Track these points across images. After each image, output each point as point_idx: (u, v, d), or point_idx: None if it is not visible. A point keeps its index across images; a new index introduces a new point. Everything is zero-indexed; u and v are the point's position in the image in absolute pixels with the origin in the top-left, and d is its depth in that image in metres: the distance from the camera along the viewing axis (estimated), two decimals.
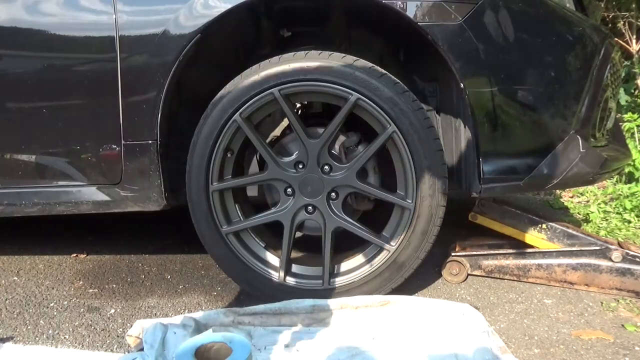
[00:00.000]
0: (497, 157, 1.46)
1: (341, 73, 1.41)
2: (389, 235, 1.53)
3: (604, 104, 1.59)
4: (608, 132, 1.72)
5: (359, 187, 1.51)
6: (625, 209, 2.63)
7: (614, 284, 1.66)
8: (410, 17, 1.36)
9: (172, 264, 1.99)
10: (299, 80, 1.43)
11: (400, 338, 1.33)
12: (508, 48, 1.41)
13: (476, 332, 1.32)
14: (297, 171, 1.51)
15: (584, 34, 1.50)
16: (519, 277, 1.75)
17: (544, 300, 1.65)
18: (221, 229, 1.54)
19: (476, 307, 1.51)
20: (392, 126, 1.43)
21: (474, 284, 1.77)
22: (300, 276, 1.57)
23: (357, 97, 1.42)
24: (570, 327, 1.49)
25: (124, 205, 1.55)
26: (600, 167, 1.54)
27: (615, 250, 1.65)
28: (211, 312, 1.42)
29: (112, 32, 1.40)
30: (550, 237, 1.77)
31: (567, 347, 1.37)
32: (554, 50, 1.45)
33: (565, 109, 1.48)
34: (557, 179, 1.47)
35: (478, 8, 1.36)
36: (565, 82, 1.47)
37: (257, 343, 1.31)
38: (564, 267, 1.70)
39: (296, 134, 1.49)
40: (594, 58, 1.52)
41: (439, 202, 1.47)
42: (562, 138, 1.47)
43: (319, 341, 1.32)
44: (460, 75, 1.39)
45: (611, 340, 1.41)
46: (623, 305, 1.61)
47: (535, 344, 1.39)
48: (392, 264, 1.51)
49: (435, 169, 1.44)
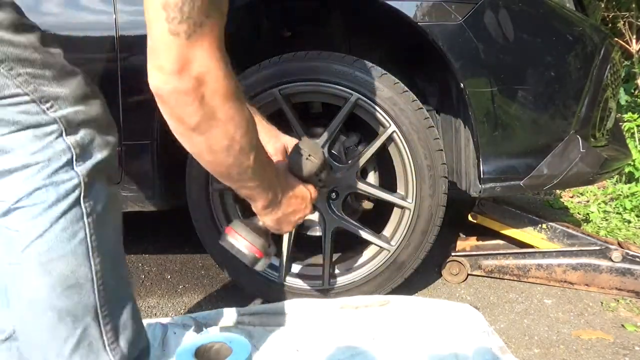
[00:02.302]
0: (497, 157, 1.46)
1: (341, 73, 1.41)
2: (389, 235, 1.53)
3: (604, 104, 1.59)
4: (608, 132, 1.72)
5: (359, 187, 1.51)
6: (625, 209, 2.63)
7: (614, 284, 1.66)
8: (410, 17, 1.36)
9: (172, 264, 1.99)
10: (299, 80, 1.43)
11: (400, 338, 1.33)
12: (508, 48, 1.41)
13: (476, 332, 1.32)
14: None
15: (584, 34, 1.50)
16: (519, 277, 1.75)
17: (544, 300, 1.65)
18: (221, 230, 1.54)
19: (476, 307, 1.51)
20: (392, 126, 1.43)
21: (474, 284, 1.77)
22: (300, 276, 1.57)
23: (357, 97, 1.42)
24: (570, 327, 1.49)
25: (124, 205, 1.55)
26: (600, 167, 1.54)
27: (615, 250, 1.65)
28: (211, 312, 1.42)
29: (112, 32, 1.40)
30: (550, 237, 1.77)
31: (567, 347, 1.37)
32: (554, 50, 1.45)
33: (565, 109, 1.48)
34: (557, 179, 1.47)
35: (478, 8, 1.36)
36: (565, 82, 1.47)
37: (257, 343, 1.30)
38: (564, 267, 1.70)
39: (296, 133, 1.49)
40: (594, 58, 1.52)
41: (439, 202, 1.47)
42: (562, 138, 1.47)
43: (319, 341, 1.32)
44: (460, 75, 1.39)
45: (611, 340, 1.41)
46: (623, 305, 1.61)
47: (535, 344, 1.39)
48: (392, 263, 1.51)
49: (435, 169, 1.44)
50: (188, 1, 0.67)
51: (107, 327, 0.82)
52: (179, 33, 0.68)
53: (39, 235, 0.74)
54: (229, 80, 0.74)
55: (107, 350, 0.82)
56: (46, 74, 0.74)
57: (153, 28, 0.69)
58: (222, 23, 0.73)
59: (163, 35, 0.68)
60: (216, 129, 0.75)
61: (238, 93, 0.77)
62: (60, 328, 0.78)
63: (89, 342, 0.80)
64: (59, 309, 0.77)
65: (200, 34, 0.69)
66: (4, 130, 0.71)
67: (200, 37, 0.69)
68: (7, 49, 0.71)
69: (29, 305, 0.78)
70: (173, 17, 0.67)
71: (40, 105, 0.73)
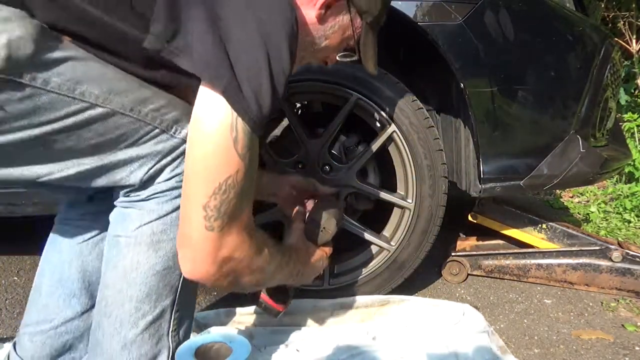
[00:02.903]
0: (497, 157, 1.46)
1: (341, 73, 1.41)
2: (389, 235, 1.53)
3: (604, 104, 1.59)
4: (608, 132, 1.72)
5: (359, 187, 1.51)
6: (625, 208, 2.64)
7: (614, 284, 1.66)
8: (410, 17, 1.36)
9: None
10: (299, 80, 1.43)
11: (400, 338, 1.33)
12: (508, 48, 1.41)
13: (476, 332, 1.32)
14: (297, 171, 1.51)
15: (584, 34, 1.50)
16: (519, 277, 1.75)
17: (544, 300, 1.65)
18: None
19: (476, 307, 1.51)
20: (392, 126, 1.43)
21: (474, 284, 1.77)
22: None
23: (357, 97, 1.42)
24: (570, 327, 1.49)
25: None
26: (600, 167, 1.54)
27: (615, 250, 1.65)
28: (211, 312, 1.42)
29: None
30: (550, 237, 1.77)
31: (567, 347, 1.37)
32: (553, 50, 1.45)
33: (565, 109, 1.48)
34: (557, 179, 1.47)
35: (478, 8, 1.36)
36: (565, 82, 1.47)
37: (257, 343, 1.30)
38: (564, 267, 1.70)
39: (296, 133, 1.49)
40: (594, 58, 1.52)
41: (439, 202, 1.47)
42: (562, 138, 1.47)
43: (319, 341, 1.32)
44: (460, 75, 1.38)
45: (611, 340, 1.41)
46: (623, 305, 1.61)
47: (535, 344, 1.39)
48: (392, 263, 1.51)
49: (435, 169, 1.44)
50: (225, 202, 0.77)
51: (175, 315, 0.92)
52: (214, 228, 0.78)
53: (159, 216, 0.86)
54: (253, 253, 0.85)
55: (169, 337, 0.91)
56: (161, 103, 0.85)
57: (191, 220, 0.78)
58: (251, 206, 0.84)
59: (199, 229, 0.77)
60: (243, 281, 0.87)
61: (262, 256, 0.88)
62: (145, 303, 0.87)
63: (159, 324, 0.89)
64: (151, 285, 0.87)
65: (231, 225, 0.79)
66: (152, 162, 0.85)
67: (231, 227, 0.80)
68: (132, 95, 0.81)
69: (124, 276, 0.87)
70: (211, 215, 0.77)
71: (169, 132, 0.86)
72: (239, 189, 0.78)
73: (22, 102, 0.73)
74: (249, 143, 0.78)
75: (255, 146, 0.81)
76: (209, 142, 0.77)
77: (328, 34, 0.97)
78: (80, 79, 0.76)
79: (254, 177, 0.83)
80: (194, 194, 0.78)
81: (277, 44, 0.77)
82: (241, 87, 0.75)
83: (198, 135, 0.78)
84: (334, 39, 0.98)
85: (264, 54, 0.76)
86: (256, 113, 0.76)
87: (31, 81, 0.73)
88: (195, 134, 0.79)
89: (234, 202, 0.78)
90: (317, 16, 0.93)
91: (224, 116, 0.76)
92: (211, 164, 0.77)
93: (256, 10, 0.78)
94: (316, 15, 0.93)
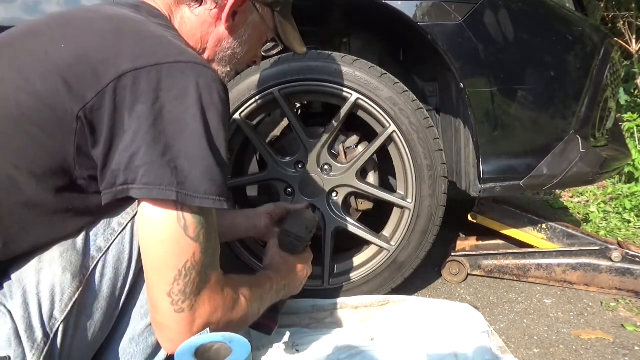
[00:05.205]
0: (497, 157, 1.46)
1: (341, 73, 1.41)
2: (389, 235, 1.53)
3: (603, 104, 1.59)
4: (608, 132, 1.72)
5: (359, 187, 1.51)
6: (625, 209, 2.63)
7: (613, 284, 1.66)
8: (410, 17, 1.36)
9: None
10: (299, 80, 1.43)
11: (400, 338, 1.33)
12: (508, 48, 1.41)
13: (476, 332, 1.32)
14: (297, 171, 1.51)
15: (583, 34, 1.50)
16: (518, 277, 1.75)
17: (544, 300, 1.65)
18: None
19: (476, 307, 1.51)
20: (392, 126, 1.43)
21: (474, 284, 1.77)
22: None
23: (357, 96, 1.42)
24: (570, 327, 1.49)
25: None
26: (600, 167, 1.54)
27: (615, 250, 1.65)
28: None
29: None
30: (550, 237, 1.77)
31: (567, 347, 1.37)
32: (553, 50, 1.45)
33: (565, 109, 1.48)
34: (557, 179, 1.47)
35: (478, 8, 1.36)
36: (565, 82, 1.47)
37: (257, 343, 1.30)
38: (563, 267, 1.70)
39: (296, 133, 1.49)
40: (594, 58, 1.52)
41: (439, 202, 1.47)
42: (562, 138, 1.47)
43: (318, 341, 1.32)
44: (460, 75, 1.39)
45: (611, 340, 1.41)
46: (623, 305, 1.61)
47: (535, 344, 1.39)
48: (392, 263, 1.51)
49: (435, 169, 1.44)
50: (189, 284, 0.77)
51: None
52: (184, 309, 0.77)
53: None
54: (229, 308, 0.84)
55: None
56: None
57: (158, 308, 0.78)
58: (218, 260, 0.83)
59: (169, 315, 0.77)
60: (231, 329, 0.84)
61: (239, 304, 0.87)
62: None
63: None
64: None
65: (199, 298, 0.79)
66: None
67: (200, 299, 0.79)
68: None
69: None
70: (178, 299, 0.77)
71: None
72: (200, 266, 0.78)
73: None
74: (201, 221, 0.77)
75: (209, 216, 0.80)
76: (159, 242, 0.76)
77: (244, 39, 0.98)
78: None
79: (215, 241, 0.82)
80: (157, 285, 0.77)
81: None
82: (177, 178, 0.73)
83: (148, 239, 0.77)
84: (251, 40, 1.00)
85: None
86: (204, 190, 0.75)
87: None
88: (145, 237, 0.77)
89: (197, 279, 0.77)
90: (227, 28, 0.94)
91: (167, 212, 0.75)
92: (168, 256, 0.76)
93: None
94: (226, 28, 0.94)
